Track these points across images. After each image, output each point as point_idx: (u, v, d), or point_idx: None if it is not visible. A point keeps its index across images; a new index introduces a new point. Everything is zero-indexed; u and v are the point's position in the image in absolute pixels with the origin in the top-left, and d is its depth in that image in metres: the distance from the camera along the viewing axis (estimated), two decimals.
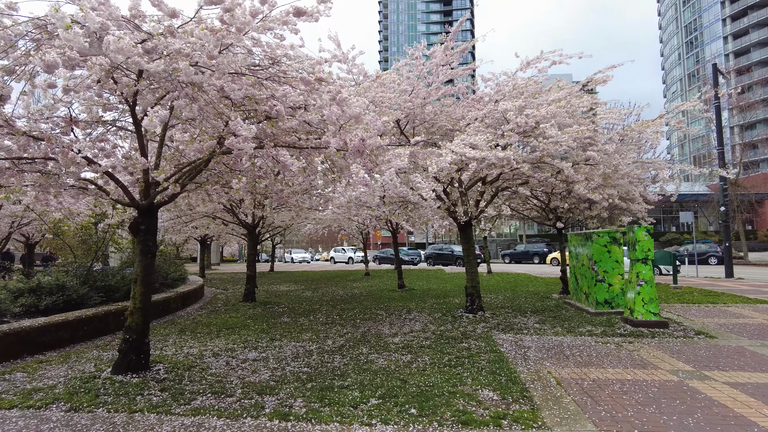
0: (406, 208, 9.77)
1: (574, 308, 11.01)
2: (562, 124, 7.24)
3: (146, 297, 5.61)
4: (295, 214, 10.58)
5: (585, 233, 10.81)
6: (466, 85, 8.97)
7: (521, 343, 7.40)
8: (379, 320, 9.62)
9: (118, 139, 6.15)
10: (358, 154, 4.10)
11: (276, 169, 7.60)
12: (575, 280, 11.71)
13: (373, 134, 4.04)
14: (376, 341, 7.56)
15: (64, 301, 8.11)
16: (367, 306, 11.85)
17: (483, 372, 5.77)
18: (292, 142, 4.36)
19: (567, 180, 7.66)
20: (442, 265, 33.03)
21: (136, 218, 5.57)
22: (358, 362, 6.28)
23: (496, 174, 7.91)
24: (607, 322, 9.01)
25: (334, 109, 3.97)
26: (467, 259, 9.73)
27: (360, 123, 4.10)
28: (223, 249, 51.09)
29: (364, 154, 4.11)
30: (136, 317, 5.54)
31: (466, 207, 8.50)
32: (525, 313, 10.40)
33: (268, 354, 6.83)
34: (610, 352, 6.80)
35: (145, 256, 5.57)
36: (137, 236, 5.58)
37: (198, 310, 11.66)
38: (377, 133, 4.09)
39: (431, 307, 11.48)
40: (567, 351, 6.87)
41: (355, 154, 4.08)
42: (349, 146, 4.00)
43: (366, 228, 20.01)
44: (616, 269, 10.23)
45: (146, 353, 5.68)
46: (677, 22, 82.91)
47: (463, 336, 7.88)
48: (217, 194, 6.14)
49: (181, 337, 8.04)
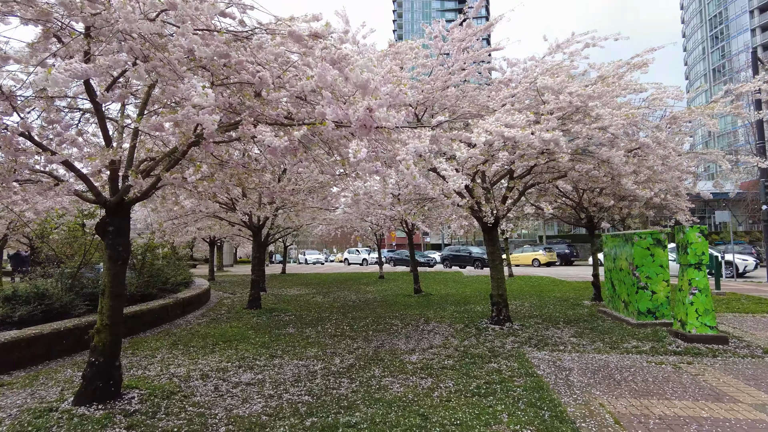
0: (424, 207, 8.76)
1: (611, 318, 9.87)
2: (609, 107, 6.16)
3: (116, 312, 4.71)
4: (295, 214, 9.64)
5: (624, 234, 9.67)
6: (489, 66, 7.90)
7: (560, 363, 6.33)
8: (393, 332, 8.62)
9: (90, 125, 5.26)
10: (364, 131, 3.13)
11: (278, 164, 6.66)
12: (611, 286, 10.56)
13: (384, 103, 3.06)
14: (391, 360, 6.56)
15: (43, 311, 7.29)
16: (381, 314, 10.86)
17: (520, 404, 4.74)
18: (277, 119, 3.40)
19: (613, 173, 6.57)
20: (459, 267, 31.87)
21: (104, 217, 4.68)
22: (369, 389, 5.29)
23: (528, 167, 6.85)
24: (653, 336, 7.88)
25: (332, 70, 3.01)
26: (492, 264, 8.67)
27: (368, 94, 3.13)
28: (237, 250, 50.56)
29: (371, 131, 3.13)
30: (104, 336, 4.64)
31: (492, 205, 7.45)
32: (557, 323, 9.30)
33: (265, 376, 5.88)
34: (669, 376, 5.70)
35: (114, 262, 4.67)
36: (105, 239, 4.69)
37: (199, 317, 10.80)
38: (390, 102, 3.12)
39: (451, 316, 10.43)
40: (617, 374, 5.79)
41: (360, 130, 3.11)
42: (351, 120, 3.03)
43: (380, 229, 19.02)
44: (660, 275, 9.07)
45: (117, 378, 4.77)
46: (701, 15, 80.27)
47: (491, 354, 6.84)
48: (205, 190, 5.22)
49: (172, 353, 7.14)
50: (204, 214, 11.31)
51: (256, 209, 8.57)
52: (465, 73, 7.30)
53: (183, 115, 2.87)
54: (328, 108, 3.09)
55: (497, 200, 8.14)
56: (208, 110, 2.82)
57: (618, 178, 6.59)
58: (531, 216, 13.03)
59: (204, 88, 2.74)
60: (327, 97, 3.05)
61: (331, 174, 6.39)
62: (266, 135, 3.13)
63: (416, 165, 3.67)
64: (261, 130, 3.16)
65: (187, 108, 2.87)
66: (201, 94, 2.75)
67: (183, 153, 4.30)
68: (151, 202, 6.66)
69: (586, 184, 8.16)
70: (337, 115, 3.08)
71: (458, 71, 7.13)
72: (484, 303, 12.43)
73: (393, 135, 3.54)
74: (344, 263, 44.88)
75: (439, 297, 14.26)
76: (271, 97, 3.19)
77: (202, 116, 2.85)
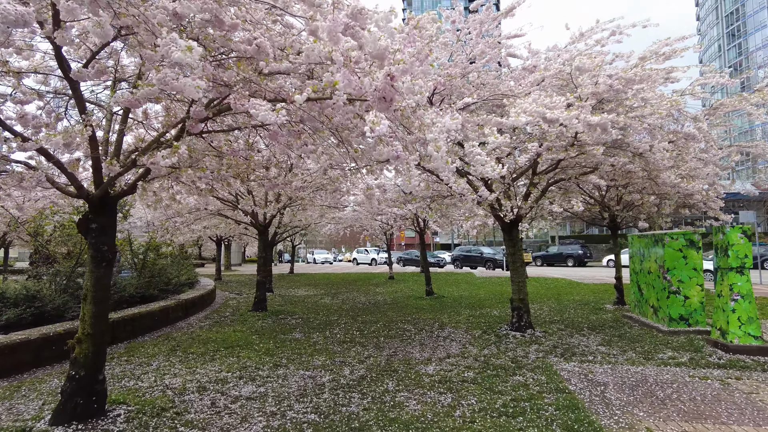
0: (441, 204, 8.18)
1: (638, 324, 9.23)
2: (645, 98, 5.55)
3: (99, 319, 4.20)
4: (302, 209, 9.07)
5: (654, 234, 9.02)
6: (510, 52, 7.28)
7: (593, 377, 5.73)
8: (407, 338, 8.05)
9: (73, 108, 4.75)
10: (384, 105, 2.57)
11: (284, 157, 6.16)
12: (638, 289, 9.91)
13: (409, 69, 2.50)
14: (405, 371, 6.00)
15: (33, 314, 6.83)
16: (393, 318, 10.30)
17: (555, 427, 4.16)
18: (277, 94, 2.85)
19: (650, 167, 5.95)
20: (470, 268, 31.20)
21: (86, 214, 4.17)
22: (382, 406, 4.73)
23: (556, 161, 6.25)
24: (689, 345, 7.25)
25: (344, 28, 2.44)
26: (513, 266, 8.08)
27: (386, 64, 2.58)
28: (246, 249, 50.19)
29: (392, 104, 2.57)
30: (85, 347, 4.13)
31: (513, 202, 6.86)
32: (581, 330, 8.68)
33: (267, 389, 5.35)
34: (719, 394, 5.08)
35: (97, 264, 4.16)
36: (87, 237, 4.18)
37: (202, 320, 10.32)
38: (417, 68, 2.57)
39: (467, 320, 9.84)
40: (658, 390, 5.18)
41: (379, 103, 2.55)
42: (367, 91, 2.47)
43: (390, 228, 18.46)
44: (693, 279, 8.41)
45: (100, 394, 4.27)
46: (717, 12, 78.67)
47: (514, 364, 6.25)
48: (198, 183, 4.70)
49: (169, 360, 6.64)
50: (208, 212, 10.83)
51: (262, 206, 8.04)
52: (486, 59, 6.72)
53: (159, 81, 2.32)
54: (338, 74, 2.52)
55: (519, 197, 7.55)
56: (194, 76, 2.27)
57: (656, 172, 5.97)
58: (549, 216, 12.42)
59: (189, 47, 2.19)
60: (338, 60, 2.49)
61: (340, 167, 5.85)
62: (261, 109, 2.57)
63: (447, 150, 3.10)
64: (255, 103, 2.60)
65: (164, 72, 2.32)
66: (183, 49, 2.19)
67: (176, 138, 3.78)
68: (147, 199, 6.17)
69: (617, 180, 7.52)
70: (350, 83, 2.51)
71: (479, 56, 6.54)
72: (500, 306, 11.83)
73: (418, 111, 2.97)
74: (353, 263, 44.34)
75: (452, 299, 13.67)
76: (271, 68, 2.64)
77: (182, 82, 2.30)
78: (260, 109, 2.58)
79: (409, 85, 2.53)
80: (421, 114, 2.99)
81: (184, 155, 3.02)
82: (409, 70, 2.52)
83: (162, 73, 2.35)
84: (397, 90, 2.53)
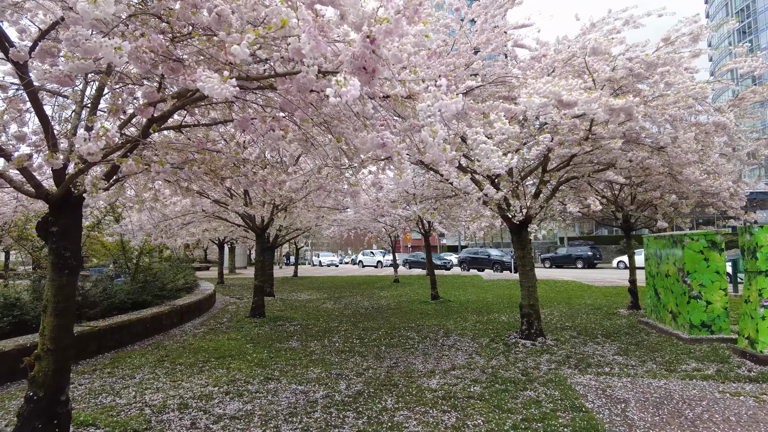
0: (445, 204, 7.69)
1: (656, 331, 8.69)
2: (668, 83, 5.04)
3: (62, 333, 3.76)
4: (288, 214, 8.61)
5: (672, 235, 8.48)
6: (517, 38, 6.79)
7: (611, 392, 5.21)
8: (409, 348, 7.57)
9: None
10: (364, 76, 2.11)
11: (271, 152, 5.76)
12: (655, 294, 9.36)
13: (397, 30, 2.04)
14: (406, 385, 5.52)
15: (12, 323, 6.43)
16: (396, 324, 9.82)
17: None
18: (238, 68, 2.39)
19: (672, 162, 5.44)
20: (477, 270, 30.61)
21: (46, 215, 3.74)
22: (379, 427, 4.26)
23: (568, 156, 5.76)
24: (714, 355, 6.71)
25: None
26: (522, 270, 7.57)
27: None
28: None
29: (375, 75, 2.11)
30: (45, 364, 3.70)
31: (523, 201, 6.37)
32: (595, 337, 8.16)
33: (254, 406, 4.90)
34: (755, 413, 4.56)
35: (59, 272, 3.72)
36: (47, 242, 3.75)
37: (197, 326, 9.89)
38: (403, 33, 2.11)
39: (474, 327, 9.34)
40: (686, 409, 4.66)
41: (358, 73, 2.10)
42: (343, 58, 2.01)
43: (394, 230, 17.97)
44: (716, 282, 7.86)
45: (63, 417, 3.82)
46: (727, 9, 77.49)
47: (525, 377, 5.75)
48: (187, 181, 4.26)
49: (154, 372, 6.21)
50: (203, 215, 10.41)
51: (252, 207, 7.59)
52: (491, 48, 6.25)
53: (67, 40, 1.86)
54: (304, 36, 2.04)
55: (528, 196, 7.05)
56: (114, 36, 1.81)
57: (678, 168, 5.46)
58: (560, 216, 11.90)
59: None
60: (304, 18, 2.00)
61: (335, 165, 5.40)
62: (208, 81, 2.11)
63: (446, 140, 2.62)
64: (204, 74, 2.14)
65: (73, 29, 1.85)
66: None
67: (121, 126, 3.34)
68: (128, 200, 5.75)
69: (633, 177, 6.99)
70: (318, 45, 2.03)
71: (483, 44, 6.06)
72: (509, 311, 11.32)
73: (415, 86, 2.45)
74: (358, 265, 43.88)
75: (459, 304, 13.16)
76: (232, 39, 2.19)
77: (96, 42, 1.84)
78: (207, 81, 2.11)
79: (396, 52, 2.06)
80: (414, 94, 2.49)
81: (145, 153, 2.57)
82: (394, 30, 2.04)
83: (71, 31, 1.89)
84: (380, 57, 2.06)
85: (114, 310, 8.73)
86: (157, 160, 2.92)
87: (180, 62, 2.42)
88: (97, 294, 8.63)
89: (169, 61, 2.36)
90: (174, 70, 2.38)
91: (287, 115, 3.28)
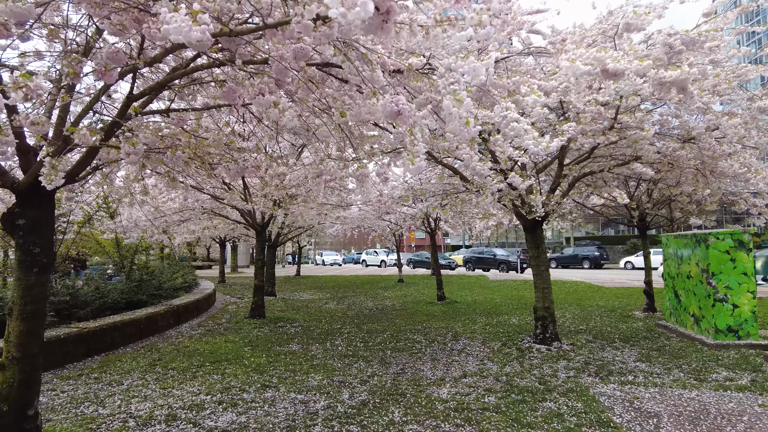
0: (456, 200, 7.24)
1: (676, 335, 8.22)
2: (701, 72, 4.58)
3: (29, 339, 3.35)
4: (289, 210, 8.19)
5: (695, 234, 8.01)
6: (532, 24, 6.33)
7: (640, 404, 4.76)
8: (416, 352, 7.13)
9: None
10: (376, 19, 1.68)
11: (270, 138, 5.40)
12: (674, 295, 8.89)
13: None
14: (415, 395, 5.08)
15: None
16: (401, 327, 9.38)
17: None
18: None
19: (705, 154, 4.98)
20: (483, 270, 30.12)
21: (12, 206, 3.33)
22: None
23: (590, 147, 5.31)
24: (745, 363, 6.25)
25: None
26: (537, 270, 7.12)
27: None
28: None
29: (390, 18, 1.69)
30: (10, 375, 3.28)
31: (540, 197, 5.92)
32: (612, 341, 7.70)
33: (249, 417, 4.48)
34: None
35: (26, 270, 3.31)
36: (14, 236, 3.34)
37: (195, 327, 9.49)
38: None
39: (484, 330, 8.89)
40: (726, 426, 4.21)
41: (373, 22, 1.67)
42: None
43: (399, 229, 17.53)
44: (744, 285, 7.40)
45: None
46: (734, 6, 76.59)
47: (543, 387, 5.31)
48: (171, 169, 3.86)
49: (144, 378, 5.80)
50: (200, 210, 10.02)
51: (251, 202, 7.17)
52: (506, 32, 5.79)
53: None
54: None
55: (544, 192, 6.61)
56: None
57: (712, 160, 5.00)
58: (572, 213, 11.45)
59: None
60: None
61: (338, 157, 4.97)
62: (173, 21, 1.68)
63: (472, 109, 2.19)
64: (169, 14, 1.68)
65: None
66: None
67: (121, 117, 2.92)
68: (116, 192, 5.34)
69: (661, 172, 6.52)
70: None
71: (499, 27, 5.60)
72: (518, 313, 10.87)
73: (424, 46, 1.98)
74: (362, 264, 43.45)
75: (466, 305, 12.71)
76: None
77: None
78: (173, 20, 1.66)
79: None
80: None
81: None
82: None
83: None
84: (395, 11, 1.62)
85: (107, 311, 8.35)
86: (132, 140, 2.49)
87: (147, 11, 1.99)
88: (89, 293, 8.25)
89: (133, 10, 1.93)
90: (139, 21, 1.97)
91: (286, 95, 2.86)
